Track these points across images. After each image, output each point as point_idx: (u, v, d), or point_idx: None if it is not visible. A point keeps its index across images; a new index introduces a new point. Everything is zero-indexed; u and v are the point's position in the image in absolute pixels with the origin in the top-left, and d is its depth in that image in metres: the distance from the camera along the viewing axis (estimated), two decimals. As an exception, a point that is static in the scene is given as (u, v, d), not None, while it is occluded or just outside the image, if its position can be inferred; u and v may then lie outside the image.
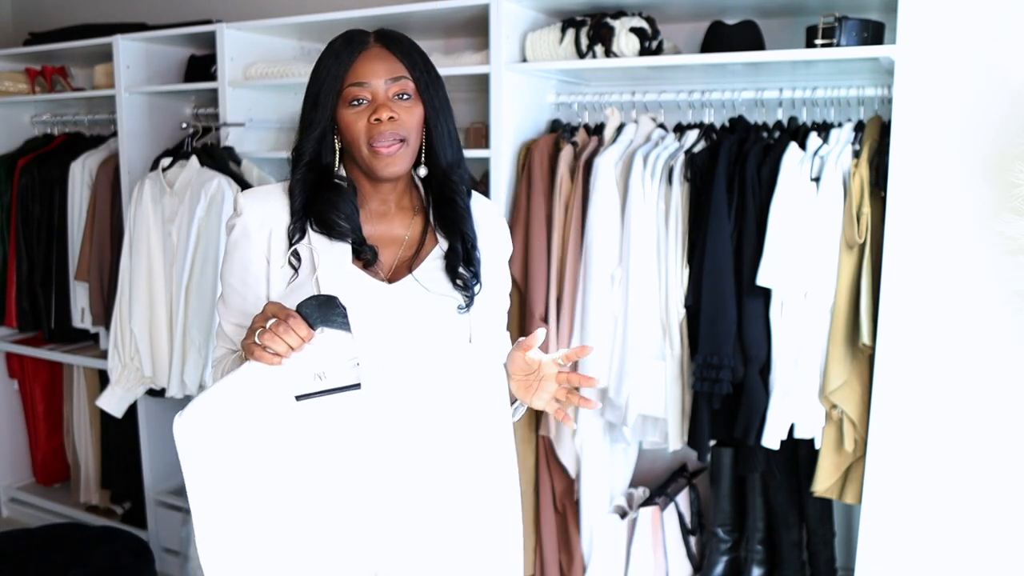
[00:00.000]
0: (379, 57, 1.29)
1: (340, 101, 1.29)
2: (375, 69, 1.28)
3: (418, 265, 1.35)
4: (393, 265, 1.35)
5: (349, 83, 1.28)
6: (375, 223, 1.36)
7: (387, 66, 1.29)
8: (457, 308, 1.34)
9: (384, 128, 1.27)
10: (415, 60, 1.31)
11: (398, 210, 1.38)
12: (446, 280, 1.35)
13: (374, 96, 1.28)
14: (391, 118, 1.27)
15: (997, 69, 1.75)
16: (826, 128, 2.10)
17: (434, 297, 1.33)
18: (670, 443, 2.20)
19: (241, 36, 2.66)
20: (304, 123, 1.33)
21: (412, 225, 1.39)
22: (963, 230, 1.81)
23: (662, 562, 2.35)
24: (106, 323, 2.96)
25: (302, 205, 1.32)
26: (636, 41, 2.18)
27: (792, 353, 2.03)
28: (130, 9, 3.31)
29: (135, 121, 2.91)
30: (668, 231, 2.14)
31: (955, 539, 1.88)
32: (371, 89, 1.28)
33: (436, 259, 1.36)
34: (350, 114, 1.29)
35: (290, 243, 1.31)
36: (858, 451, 2.00)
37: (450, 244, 1.36)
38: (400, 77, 1.29)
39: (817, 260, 1.99)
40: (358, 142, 1.28)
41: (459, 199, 1.37)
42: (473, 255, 1.37)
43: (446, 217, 1.37)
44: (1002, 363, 1.81)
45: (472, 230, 1.38)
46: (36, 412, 3.53)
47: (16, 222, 3.19)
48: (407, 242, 1.38)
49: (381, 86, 1.28)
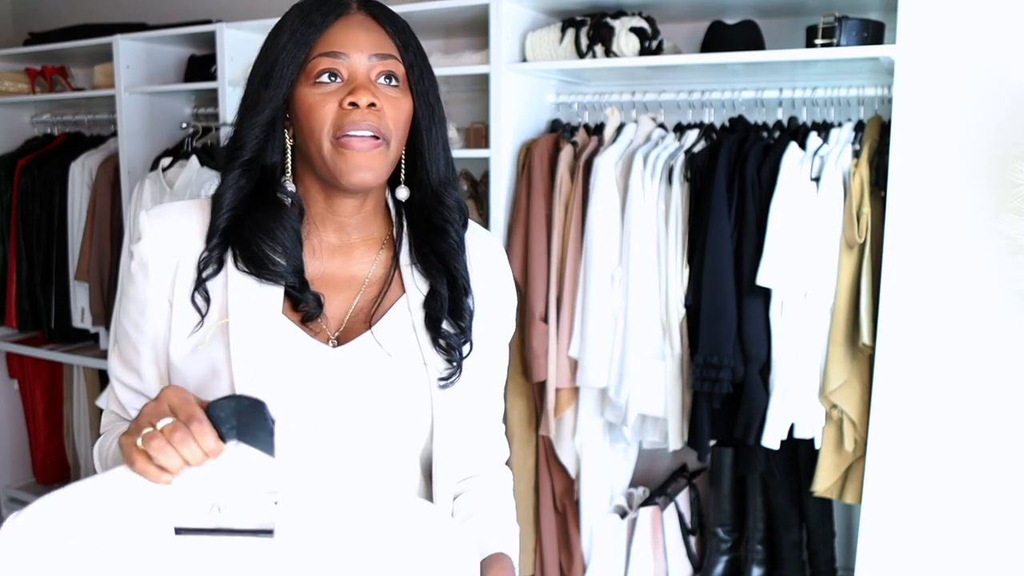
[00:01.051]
0: (362, 26, 0.96)
1: (301, 77, 0.94)
2: (356, 39, 0.95)
3: (380, 317, 0.99)
4: (345, 319, 1.00)
5: (318, 52, 0.94)
6: (327, 257, 1.01)
7: (372, 38, 0.96)
8: (438, 382, 0.98)
9: (360, 117, 0.92)
10: (408, 41, 0.99)
11: (360, 240, 1.03)
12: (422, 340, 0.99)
13: (351, 74, 0.94)
14: (372, 105, 0.93)
15: (997, 69, 1.75)
16: (826, 128, 2.10)
17: (400, 365, 0.98)
18: (670, 443, 2.20)
19: (241, 36, 2.66)
20: (246, 105, 0.98)
21: (377, 262, 1.03)
22: (963, 230, 1.81)
23: (662, 562, 2.35)
24: (106, 323, 2.96)
25: (227, 224, 0.96)
26: (636, 41, 2.18)
27: (792, 353, 2.03)
28: (130, 9, 3.30)
29: (135, 121, 2.91)
30: (668, 231, 2.14)
31: (955, 539, 1.88)
32: (348, 64, 0.94)
33: (404, 310, 1.01)
34: (314, 94, 0.93)
35: (199, 277, 0.95)
36: (858, 451, 2.00)
37: (431, 287, 1.01)
38: (388, 55, 0.96)
39: (817, 260, 1.98)
40: (319, 132, 0.93)
41: (452, 229, 1.03)
42: (463, 303, 1.01)
43: (431, 252, 1.02)
44: (1002, 363, 1.81)
45: (465, 269, 1.03)
46: (36, 412, 3.53)
47: (16, 222, 3.19)
48: (367, 285, 1.02)
49: (363, 62, 0.94)
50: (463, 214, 1.05)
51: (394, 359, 0.97)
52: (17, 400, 3.60)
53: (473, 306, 1.03)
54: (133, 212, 2.66)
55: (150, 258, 0.96)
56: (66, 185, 3.06)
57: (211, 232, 0.96)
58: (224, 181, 0.98)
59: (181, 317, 0.95)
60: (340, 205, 1.00)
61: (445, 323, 0.99)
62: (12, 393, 3.59)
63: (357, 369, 0.97)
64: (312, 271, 0.99)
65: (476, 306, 1.04)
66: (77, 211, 3.06)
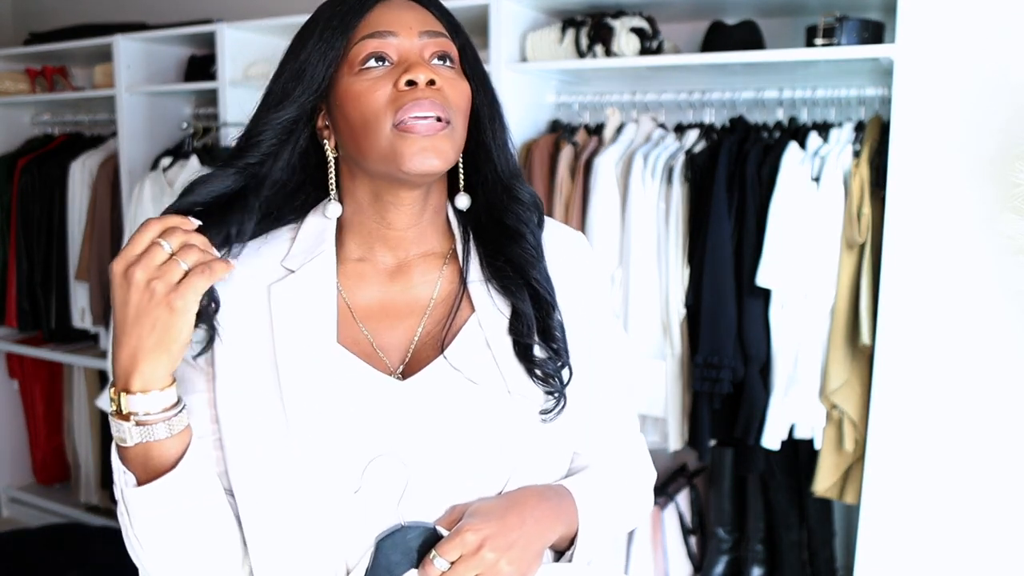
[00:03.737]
0: (406, 6, 0.85)
1: (343, 68, 0.83)
2: (402, 18, 0.84)
3: (452, 339, 0.86)
4: (411, 348, 0.87)
5: (362, 35, 0.82)
6: (384, 282, 0.89)
7: (419, 16, 0.85)
8: (540, 414, 0.84)
9: (422, 94, 0.80)
10: (456, 25, 0.89)
11: (420, 257, 0.90)
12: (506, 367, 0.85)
13: (401, 55, 0.82)
14: (431, 83, 0.81)
15: (997, 69, 1.75)
16: (826, 128, 2.10)
17: (486, 393, 0.84)
18: (670, 443, 2.20)
19: (241, 36, 2.66)
20: (267, 101, 0.85)
21: (442, 278, 0.90)
22: (963, 230, 1.80)
23: (662, 562, 2.35)
24: (106, 323, 2.96)
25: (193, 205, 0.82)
26: (636, 41, 2.18)
27: (792, 353, 2.03)
28: (130, 9, 3.30)
29: (135, 121, 2.91)
30: (668, 231, 2.14)
31: (954, 539, 1.88)
32: (397, 44, 0.82)
33: (476, 327, 0.87)
34: (361, 81, 0.81)
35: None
36: (858, 451, 2.00)
37: (514, 308, 0.87)
38: (439, 33, 0.85)
39: (817, 260, 1.98)
40: (375, 120, 0.80)
41: (527, 231, 0.89)
42: (552, 320, 0.87)
43: (505, 263, 0.88)
44: (1002, 363, 1.81)
45: (547, 279, 0.89)
46: (36, 412, 3.53)
47: (16, 222, 3.19)
48: (433, 307, 0.89)
49: (415, 41, 0.83)
50: (539, 211, 0.92)
51: (479, 386, 0.84)
52: (17, 400, 3.60)
53: (562, 318, 0.88)
54: (133, 212, 2.66)
55: None
56: (66, 185, 3.06)
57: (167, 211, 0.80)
58: (212, 173, 0.85)
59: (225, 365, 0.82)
60: (395, 216, 0.87)
61: (537, 348, 0.85)
62: (12, 393, 3.59)
63: (430, 401, 0.83)
64: (367, 299, 0.87)
65: (566, 318, 0.89)
66: (77, 211, 3.06)
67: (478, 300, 0.88)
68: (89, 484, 3.37)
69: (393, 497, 0.81)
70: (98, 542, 2.65)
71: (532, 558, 0.81)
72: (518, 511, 0.81)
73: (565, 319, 0.89)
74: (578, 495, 0.89)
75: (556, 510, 0.85)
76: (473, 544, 0.78)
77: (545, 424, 0.85)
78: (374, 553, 0.79)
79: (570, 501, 0.88)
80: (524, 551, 0.80)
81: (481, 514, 0.80)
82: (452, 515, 0.82)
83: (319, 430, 0.80)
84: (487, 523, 0.79)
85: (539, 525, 0.82)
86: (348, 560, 0.81)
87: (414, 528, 0.80)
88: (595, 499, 0.90)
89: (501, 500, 0.82)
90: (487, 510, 0.81)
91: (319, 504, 0.80)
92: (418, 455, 0.82)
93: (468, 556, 0.77)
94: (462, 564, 0.77)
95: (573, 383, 0.87)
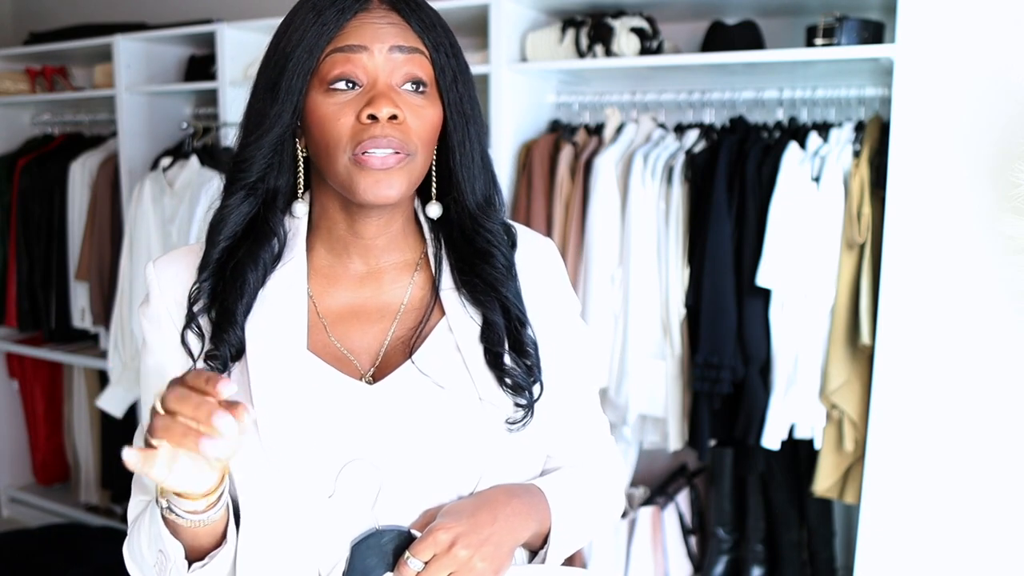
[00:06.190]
0: (384, 18, 0.84)
1: (314, 81, 0.83)
2: (376, 32, 0.82)
3: (420, 344, 0.87)
4: (380, 352, 0.88)
5: (332, 49, 0.82)
6: (354, 287, 0.90)
7: (394, 30, 0.83)
8: (506, 424, 0.86)
9: (380, 132, 0.81)
10: (439, 39, 0.86)
11: (391, 266, 0.91)
12: (477, 373, 0.86)
13: (370, 78, 0.82)
14: (393, 117, 0.81)
15: (997, 69, 1.75)
16: (826, 128, 2.10)
17: (454, 398, 0.85)
18: (670, 443, 2.20)
19: (241, 36, 2.66)
20: (251, 122, 0.86)
21: (413, 285, 0.91)
22: (963, 230, 1.81)
23: (662, 562, 2.35)
24: (106, 323, 2.96)
25: (221, 255, 0.86)
26: (636, 41, 2.18)
27: (792, 353, 2.03)
28: (130, 9, 3.30)
29: (135, 121, 2.91)
30: (668, 231, 2.14)
31: (954, 539, 1.88)
32: (365, 61, 0.82)
33: (446, 331, 0.89)
34: (328, 104, 0.82)
35: (190, 312, 0.85)
36: (858, 451, 2.00)
37: (485, 318, 0.88)
38: (413, 49, 0.83)
39: (817, 260, 1.98)
40: (335, 148, 0.82)
41: (498, 252, 0.90)
42: (524, 336, 0.89)
43: (475, 277, 0.90)
44: (1002, 363, 1.81)
45: (518, 296, 0.90)
46: (36, 412, 3.53)
47: (16, 222, 3.19)
48: (403, 312, 0.90)
49: (383, 55, 0.82)
50: (510, 235, 0.93)
51: (447, 390, 0.85)
52: (17, 400, 3.60)
53: (533, 333, 0.90)
54: (133, 212, 2.66)
55: (161, 311, 0.87)
56: (66, 185, 3.06)
57: (203, 264, 0.86)
58: (224, 205, 0.87)
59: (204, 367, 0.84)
60: (364, 226, 0.88)
61: (507, 358, 0.87)
62: (12, 393, 3.59)
63: (399, 405, 0.84)
64: (338, 303, 0.89)
65: (537, 327, 0.91)
66: (77, 211, 3.06)
67: (449, 307, 0.90)
68: (89, 484, 3.37)
69: (367, 501, 0.82)
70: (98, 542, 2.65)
71: (505, 554, 0.83)
72: (489, 509, 0.83)
73: (537, 328, 0.91)
74: (550, 493, 0.90)
75: (528, 507, 0.87)
76: (445, 543, 0.79)
77: (514, 431, 0.86)
78: (349, 557, 0.81)
79: (542, 498, 0.89)
80: (497, 548, 0.82)
81: (453, 513, 0.82)
82: (425, 518, 0.83)
83: (291, 436, 0.81)
84: (459, 522, 0.80)
85: (511, 522, 0.84)
86: (323, 565, 0.83)
87: (388, 532, 0.82)
88: (567, 497, 0.92)
89: (472, 499, 0.84)
90: (458, 509, 0.82)
91: (293, 510, 0.82)
92: (390, 459, 0.83)
93: (441, 555, 0.79)
94: (435, 563, 0.79)
95: (544, 394, 0.89)
